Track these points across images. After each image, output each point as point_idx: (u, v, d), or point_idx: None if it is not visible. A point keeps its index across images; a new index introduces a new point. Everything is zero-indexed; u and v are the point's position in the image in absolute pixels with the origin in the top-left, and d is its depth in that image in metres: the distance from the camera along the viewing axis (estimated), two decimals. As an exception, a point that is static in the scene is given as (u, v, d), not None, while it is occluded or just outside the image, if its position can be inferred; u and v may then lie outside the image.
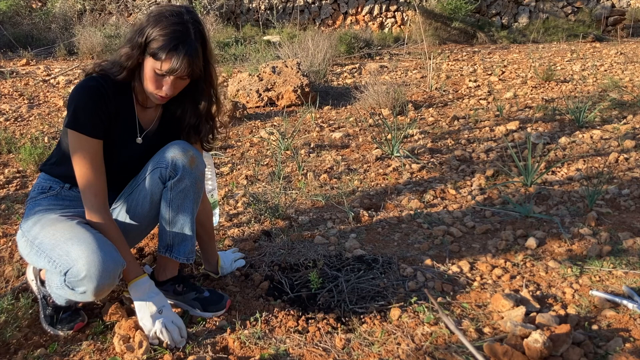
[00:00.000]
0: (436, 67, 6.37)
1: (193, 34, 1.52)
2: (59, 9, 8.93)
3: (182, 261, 1.73)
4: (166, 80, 1.53)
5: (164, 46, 1.48)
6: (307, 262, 2.06)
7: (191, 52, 1.50)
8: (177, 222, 1.69)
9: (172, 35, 1.48)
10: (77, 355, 1.56)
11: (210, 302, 1.73)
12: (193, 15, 1.56)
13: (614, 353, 1.49)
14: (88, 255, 1.43)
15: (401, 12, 9.78)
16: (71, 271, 1.44)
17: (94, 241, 1.47)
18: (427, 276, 1.96)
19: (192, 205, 1.68)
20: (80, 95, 1.54)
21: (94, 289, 1.44)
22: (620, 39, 8.68)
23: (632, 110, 4.11)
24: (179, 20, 1.51)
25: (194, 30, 1.52)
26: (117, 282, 1.50)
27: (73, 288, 1.46)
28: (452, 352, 1.53)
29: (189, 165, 1.63)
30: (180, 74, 1.52)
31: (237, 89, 4.90)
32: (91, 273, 1.42)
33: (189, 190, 1.65)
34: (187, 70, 1.51)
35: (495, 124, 3.93)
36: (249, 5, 9.71)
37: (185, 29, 1.51)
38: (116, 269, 1.47)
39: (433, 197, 2.71)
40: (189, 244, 1.72)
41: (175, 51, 1.48)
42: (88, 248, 1.44)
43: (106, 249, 1.47)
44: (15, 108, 4.65)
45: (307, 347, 1.57)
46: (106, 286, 1.46)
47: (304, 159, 3.34)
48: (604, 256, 2.06)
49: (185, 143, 1.68)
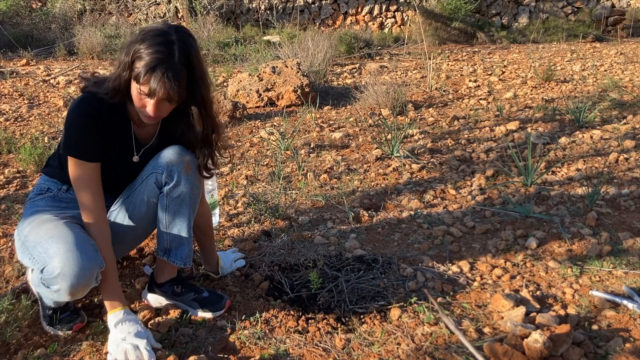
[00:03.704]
0: (436, 67, 6.37)
1: (177, 56, 1.44)
2: (59, 9, 8.93)
3: (179, 265, 1.74)
4: (148, 101, 1.47)
5: (143, 67, 1.42)
6: (307, 262, 2.06)
7: (170, 75, 1.42)
8: (173, 227, 1.69)
9: (152, 56, 1.42)
10: (77, 355, 1.56)
11: (209, 302, 1.73)
12: (182, 34, 1.48)
13: (614, 353, 1.49)
14: (64, 253, 1.43)
15: (401, 12, 9.78)
16: (47, 268, 1.45)
17: (73, 240, 1.47)
18: (427, 276, 1.96)
19: (189, 211, 1.68)
20: (76, 122, 1.53)
21: (67, 287, 1.44)
22: (620, 39, 8.67)
23: (632, 110, 4.11)
24: (164, 40, 1.44)
25: (179, 51, 1.45)
26: (93, 282, 1.50)
27: (48, 286, 1.47)
28: (452, 352, 1.53)
29: (185, 172, 1.63)
30: (159, 97, 1.45)
31: (237, 89, 4.90)
32: (64, 271, 1.42)
33: (185, 197, 1.65)
34: (165, 93, 1.44)
35: (495, 124, 3.93)
36: (249, 5, 9.71)
37: (168, 50, 1.43)
38: (92, 269, 1.47)
39: (433, 197, 2.71)
40: (185, 248, 1.72)
41: (153, 73, 1.41)
42: (65, 246, 1.44)
43: (84, 248, 1.47)
44: (15, 108, 4.65)
45: (307, 347, 1.57)
46: (80, 286, 1.46)
47: (304, 159, 3.34)
48: (604, 256, 2.06)
49: (181, 148, 1.66)
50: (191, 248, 1.75)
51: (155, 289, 1.78)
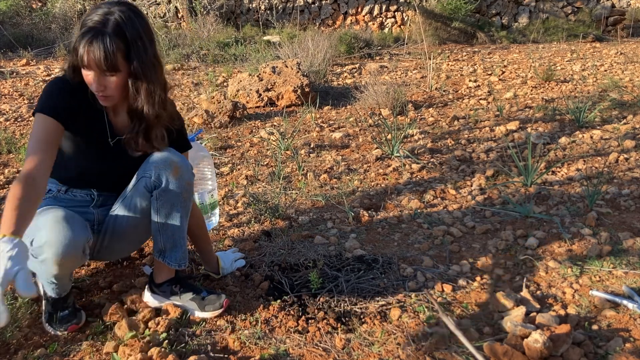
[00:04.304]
0: (436, 67, 6.37)
1: (111, 25, 1.44)
2: (59, 9, 8.93)
3: (174, 267, 1.75)
4: (90, 75, 1.48)
5: (77, 38, 1.44)
6: (307, 262, 2.06)
7: (96, 41, 1.42)
8: (166, 230, 1.70)
9: (87, 26, 1.44)
10: (77, 355, 1.56)
11: (207, 302, 1.73)
12: (123, 8, 1.48)
13: (614, 353, 1.49)
14: (51, 224, 1.47)
15: (401, 12, 9.78)
16: (35, 239, 1.47)
17: (62, 214, 1.50)
18: (427, 276, 1.96)
19: (180, 213, 1.69)
20: (48, 86, 1.57)
21: (52, 255, 1.45)
22: (620, 39, 8.67)
23: (632, 110, 4.11)
24: (101, 11, 1.46)
25: (115, 21, 1.45)
26: (80, 254, 1.50)
27: (36, 256, 1.48)
28: (452, 352, 1.53)
29: (173, 175, 1.63)
30: (91, 66, 1.45)
31: (237, 89, 4.90)
32: (50, 239, 1.45)
33: (175, 200, 1.66)
34: (90, 59, 1.43)
35: (495, 124, 3.93)
36: (249, 5, 9.71)
37: (102, 19, 1.44)
38: (78, 239, 1.48)
39: (433, 197, 2.71)
40: (179, 250, 1.73)
41: (82, 40, 1.43)
42: (53, 219, 1.48)
43: (72, 221, 1.50)
44: (15, 108, 4.65)
45: (307, 347, 1.57)
46: (67, 256, 1.47)
47: (304, 159, 3.34)
48: (604, 256, 2.06)
49: (170, 151, 1.67)
50: (186, 250, 1.76)
51: (155, 289, 1.78)
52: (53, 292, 1.64)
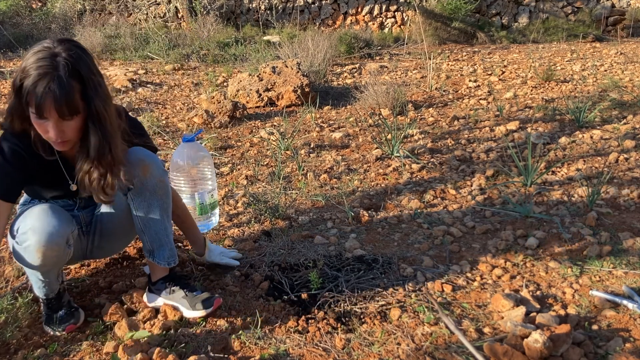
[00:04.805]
0: (436, 67, 6.37)
1: (62, 67, 1.32)
2: (59, 9, 8.94)
3: (163, 265, 1.76)
4: (47, 124, 1.35)
5: (28, 85, 1.30)
6: (307, 262, 2.06)
7: (57, 87, 1.30)
8: (149, 229, 1.71)
9: (35, 72, 1.30)
10: (77, 355, 1.56)
11: (199, 300, 1.73)
12: (67, 45, 1.36)
13: (614, 353, 1.49)
14: (37, 213, 1.50)
15: (401, 12, 9.78)
16: (20, 227, 1.51)
17: (48, 206, 1.53)
18: (427, 276, 1.96)
19: (160, 211, 1.69)
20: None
21: (36, 241, 1.46)
22: (620, 39, 8.67)
23: (632, 110, 4.11)
24: (46, 54, 1.32)
25: (65, 62, 1.32)
26: (64, 245, 1.51)
27: (20, 243, 1.49)
28: (452, 352, 1.53)
29: (142, 175, 1.63)
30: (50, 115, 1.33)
31: (237, 89, 4.90)
32: (35, 226, 1.47)
33: (150, 198, 1.66)
34: (50, 109, 1.31)
35: (495, 124, 3.93)
36: (249, 5, 9.71)
37: (51, 63, 1.31)
38: (62, 229, 1.50)
39: (433, 197, 2.71)
40: (166, 248, 1.74)
41: (35, 89, 1.29)
42: (40, 209, 1.52)
43: (57, 212, 1.53)
44: (15, 108, 4.64)
45: (307, 347, 1.57)
46: (51, 244, 1.47)
47: (304, 159, 3.34)
48: (604, 256, 2.06)
49: (139, 150, 1.64)
50: (173, 247, 1.77)
51: (152, 288, 1.79)
52: (40, 291, 1.65)
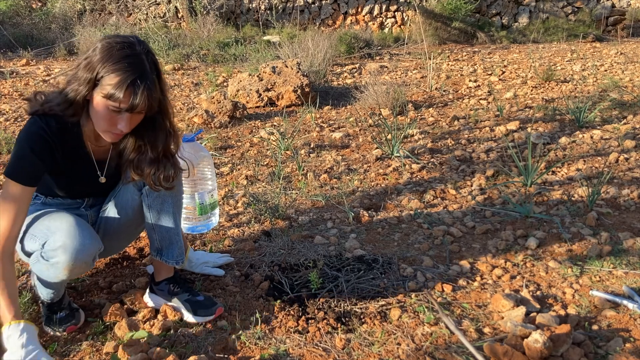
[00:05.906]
0: (436, 67, 6.37)
1: (148, 66, 1.42)
2: (59, 9, 8.94)
3: (172, 264, 1.75)
4: (122, 117, 1.42)
5: (120, 82, 1.37)
6: (307, 262, 2.06)
7: (149, 86, 1.40)
8: (160, 227, 1.71)
9: (127, 70, 1.37)
10: (77, 356, 1.56)
11: (201, 306, 1.72)
12: (144, 45, 1.45)
13: (614, 353, 1.49)
14: (66, 228, 1.47)
15: (401, 12, 9.78)
16: (48, 242, 1.48)
17: (74, 220, 1.51)
18: (427, 276, 1.96)
19: (173, 209, 1.70)
20: (23, 145, 1.45)
21: (66, 260, 1.46)
22: (621, 39, 8.67)
23: (632, 110, 4.11)
24: (132, 52, 1.40)
25: (149, 62, 1.42)
26: (91, 263, 1.52)
27: (47, 259, 1.48)
28: (452, 352, 1.53)
29: None
30: (140, 110, 1.42)
31: (237, 89, 4.90)
32: (66, 244, 1.45)
33: (165, 195, 1.67)
34: (146, 104, 1.41)
35: (495, 124, 3.93)
36: (249, 5, 9.71)
37: (139, 61, 1.40)
38: (92, 248, 1.50)
39: (433, 197, 2.71)
40: (176, 247, 1.74)
41: (134, 86, 1.37)
42: (67, 223, 1.49)
43: (85, 228, 1.52)
44: (15, 108, 4.65)
45: (307, 347, 1.57)
46: (79, 262, 1.47)
47: (304, 159, 3.34)
48: (604, 256, 2.06)
49: None
50: (182, 246, 1.77)
51: (154, 288, 1.78)
52: (47, 296, 1.65)
